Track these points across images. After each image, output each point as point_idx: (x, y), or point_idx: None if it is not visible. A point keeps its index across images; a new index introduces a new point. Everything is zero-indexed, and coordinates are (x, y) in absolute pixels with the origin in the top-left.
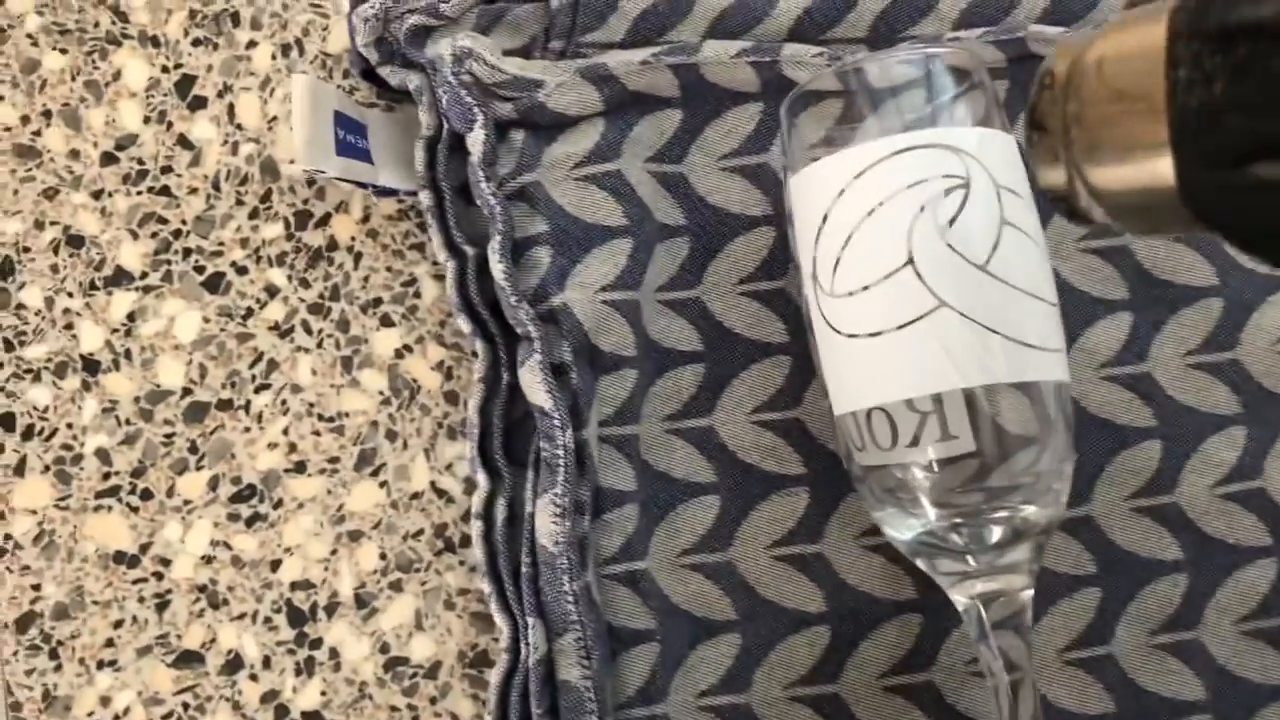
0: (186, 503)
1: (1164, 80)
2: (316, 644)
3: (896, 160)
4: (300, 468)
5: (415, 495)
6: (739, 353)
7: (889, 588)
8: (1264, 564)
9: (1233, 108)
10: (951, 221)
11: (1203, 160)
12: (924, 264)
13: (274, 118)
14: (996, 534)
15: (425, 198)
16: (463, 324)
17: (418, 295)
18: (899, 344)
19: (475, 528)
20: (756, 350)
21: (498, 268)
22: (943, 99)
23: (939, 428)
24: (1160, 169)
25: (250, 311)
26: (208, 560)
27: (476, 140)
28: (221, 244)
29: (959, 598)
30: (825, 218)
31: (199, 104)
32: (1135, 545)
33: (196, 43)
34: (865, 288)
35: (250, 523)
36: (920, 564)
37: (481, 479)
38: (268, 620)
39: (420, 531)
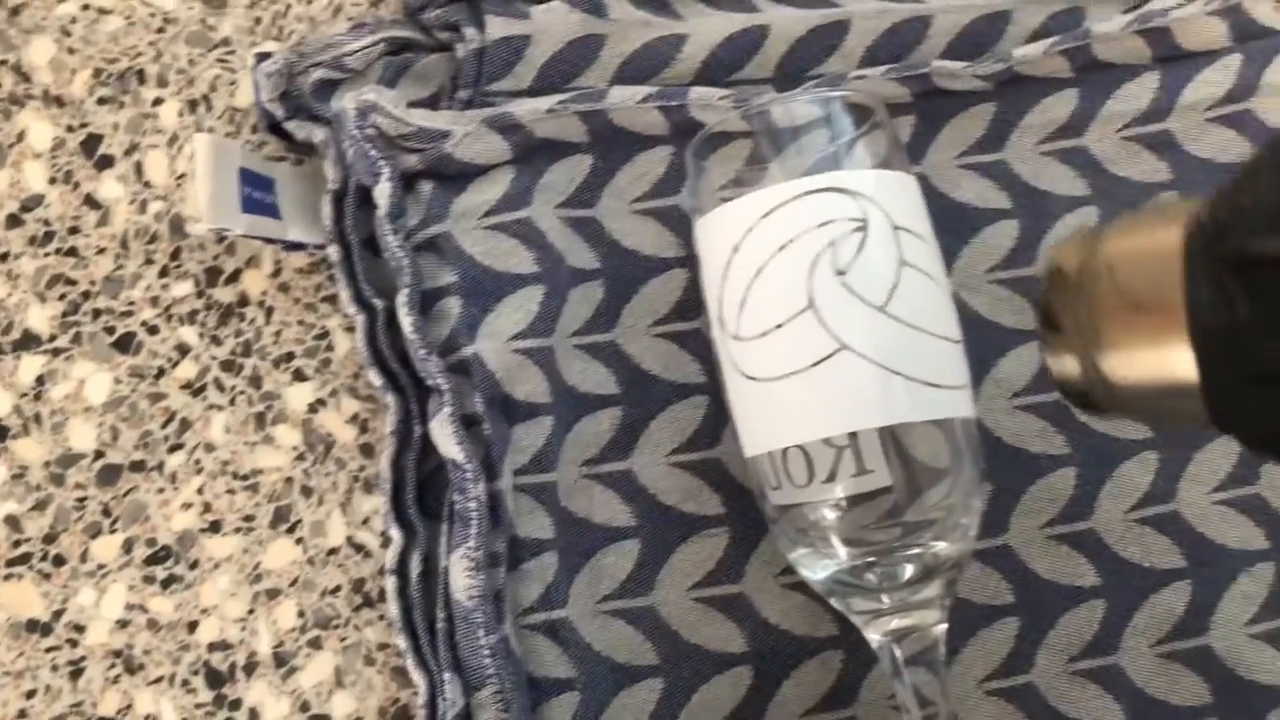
0: (100, 567)
1: (1182, 295)
2: (236, 705)
3: (795, 204)
4: (215, 527)
5: (332, 551)
6: (656, 395)
7: (809, 625)
8: (1178, 586)
9: (1256, 331)
10: (850, 264)
11: (1227, 377)
12: (824, 307)
13: (182, 175)
14: (909, 571)
15: (333, 251)
16: (373, 377)
17: (330, 349)
18: (802, 387)
19: (389, 583)
20: (673, 392)
21: (406, 320)
22: (844, 139)
23: (854, 462)
24: (1182, 376)
25: (162, 371)
26: (123, 625)
27: (382, 193)
28: (131, 303)
29: (873, 635)
30: (729, 262)
31: (106, 163)
32: (1053, 573)
33: (102, 101)
34: (768, 331)
35: (166, 585)
36: (834, 603)
37: (395, 534)
38: (185, 683)
39: (338, 587)
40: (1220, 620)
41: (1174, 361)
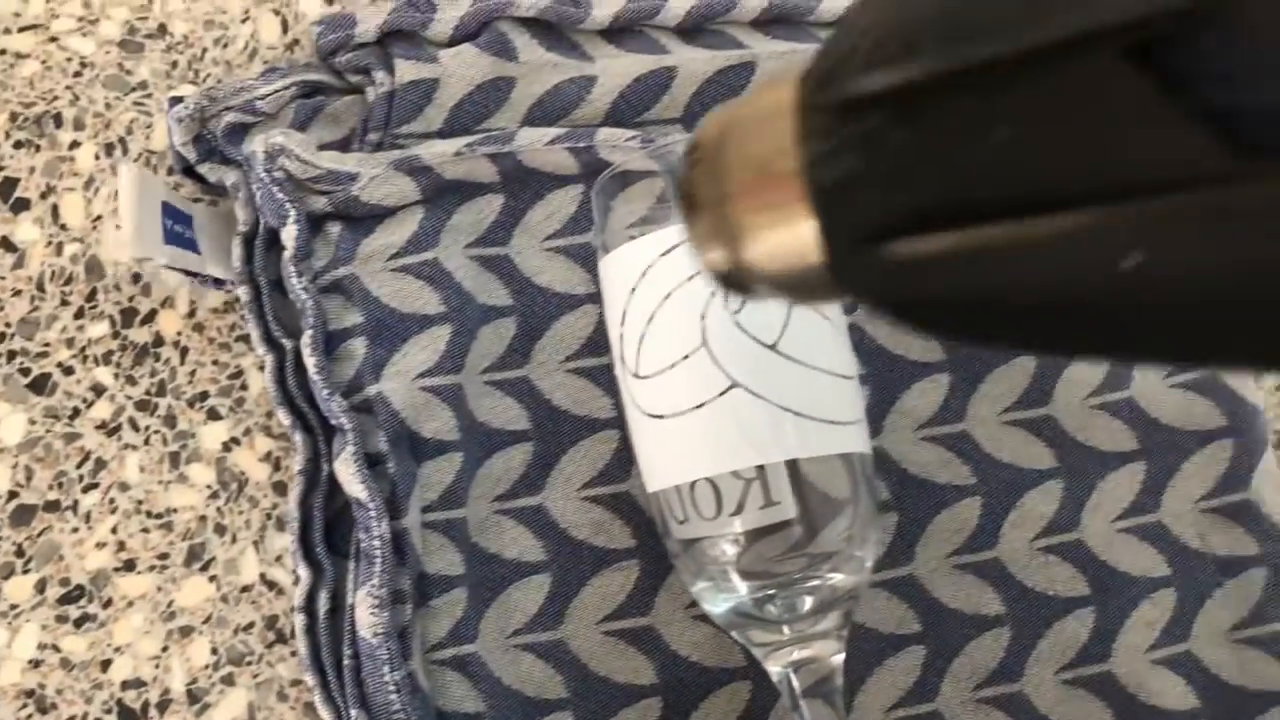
0: (13, 607)
1: (798, 153)
2: None
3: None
4: (129, 566)
5: (245, 588)
6: (567, 430)
7: (718, 656)
8: (1082, 614)
9: (866, 182)
10: (742, 303)
11: (845, 237)
12: (717, 346)
13: (98, 217)
14: (808, 603)
15: (243, 292)
16: (282, 417)
17: (244, 388)
18: (697, 424)
19: (297, 621)
20: (584, 426)
21: (310, 361)
22: None
23: (762, 494)
24: (807, 246)
25: (77, 411)
26: (35, 664)
27: (289, 235)
28: (47, 345)
29: (772, 667)
30: (628, 301)
31: (22, 206)
32: (958, 602)
33: (18, 145)
34: (664, 369)
35: (79, 624)
36: (735, 636)
37: (303, 571)
38: None
39: (251, 624)
40: (1122, 647)
41: (799, 229)
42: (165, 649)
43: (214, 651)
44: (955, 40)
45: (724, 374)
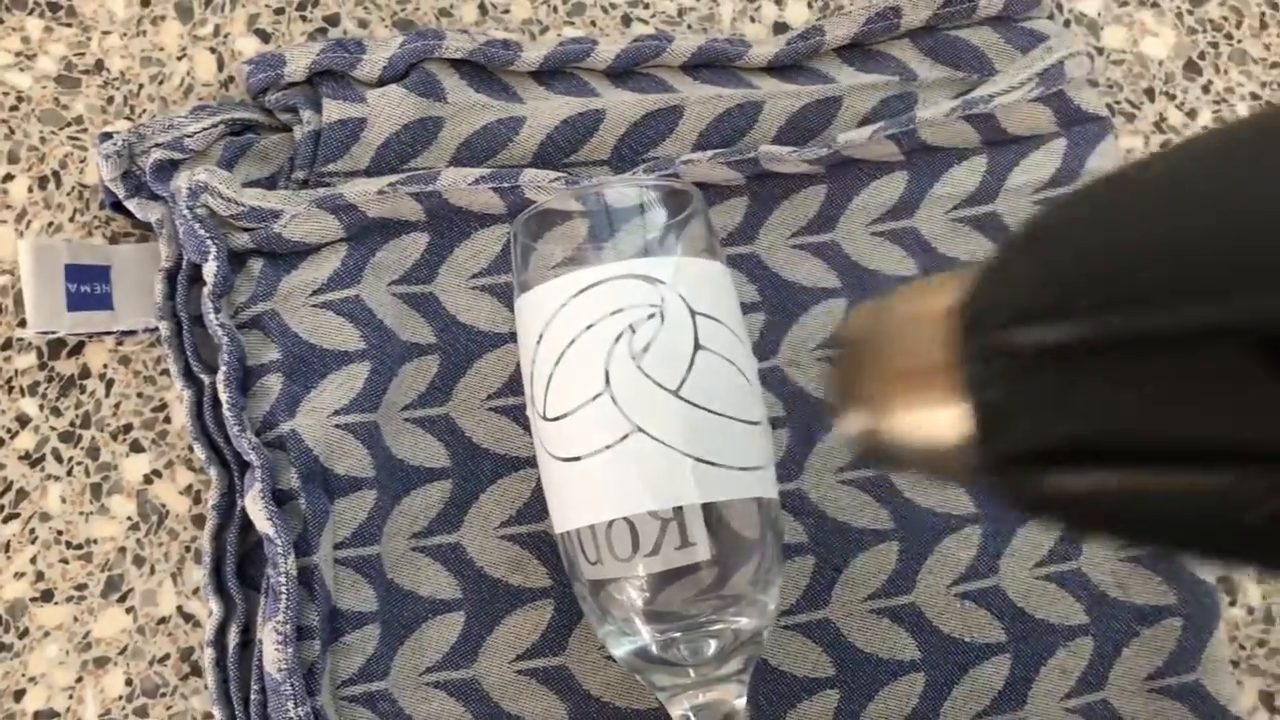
0: None
1: (952, 370)
2: None
3: (599, 289)
4: (47, 596)
5: (162, 620)
6: (487, 468)
7: (630, 697)
8: (998, 660)
9: (1021, 413)
10: (646, 349)
11: (995, 454)
12: (620, 390)
13: None
14: (713, 646)
15: (164, 328)
16: (199, 451)
17: (168, 420)
18: (600, 468)
19: (207, 655)
20: (504, 465)
21: (223, 396)
22: (656, 226)
23: (679, 534)
24: (954, 444)
25: (1, 441)
26: None
27: (209, 271)
28: None
29: (675, 711)
30: (538, 344)
31: None
32: (874, 646)
33: None
34: (570, 412)
35: None
36: (639, 678)
37: (214, 605)
38: None
39: (166, 656)
40: (1038, 694)
41: (948, 428)
42: (79, 680)
43: (129, 683)
44: (1103, 310)
45: (626, 419)
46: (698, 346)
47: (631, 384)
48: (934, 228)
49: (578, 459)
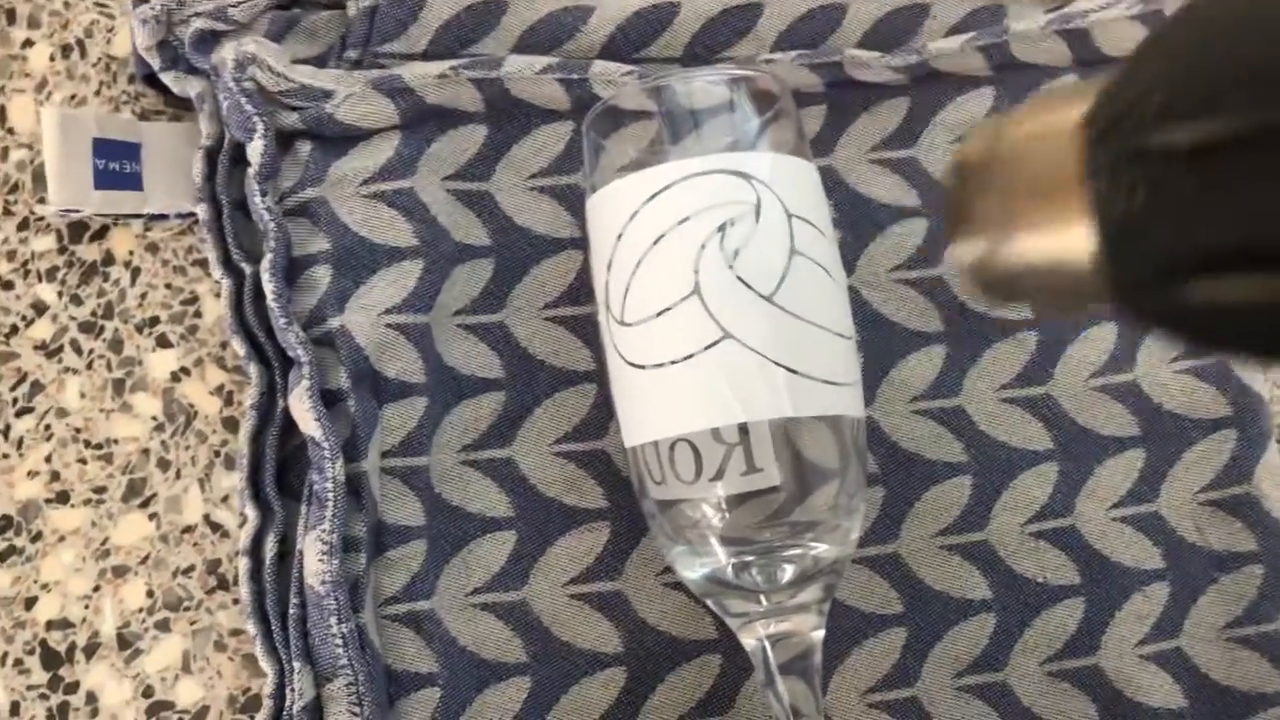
0: None
1: (1082, 186)
2: (72, 688)
3: (686, 185)
4: (63, 498)
5: (187, 529)
6: (542, 381)
7: (688, 627)
8: (1071, 603)
9: (1158, 224)
10: (739, 250)
11: (1132, 272)
12: (710, 294)
13: None
14: (789, 573)
15: (202, 211)
16: (237, 346)
17: (199, 315)
18: (683, 376)
19: (241, 565)
20: (561, 379)
21: (268, 286)
22: (746, 124)
23: (744, 460)
24: (1084, 266)
25: (15, 329)
26: None
27: (255, 151)
28: None
29: (748, 639)
30: (617, 243)
31: None
32: (943, 584)
33: None
34: (653, 316)
35: (4, 557)
36: (710, 604)
37: (250, 513)
38: (18, 663)
39: (191, 568)
40: (1111, 640)
41: (1076, 248)
42: (97, 589)
43: (150, 594)
44: (1259, 100)
45: (716, 324)
46: (793, 251)
47: (723, 287)
48: None
49: (658, 366)
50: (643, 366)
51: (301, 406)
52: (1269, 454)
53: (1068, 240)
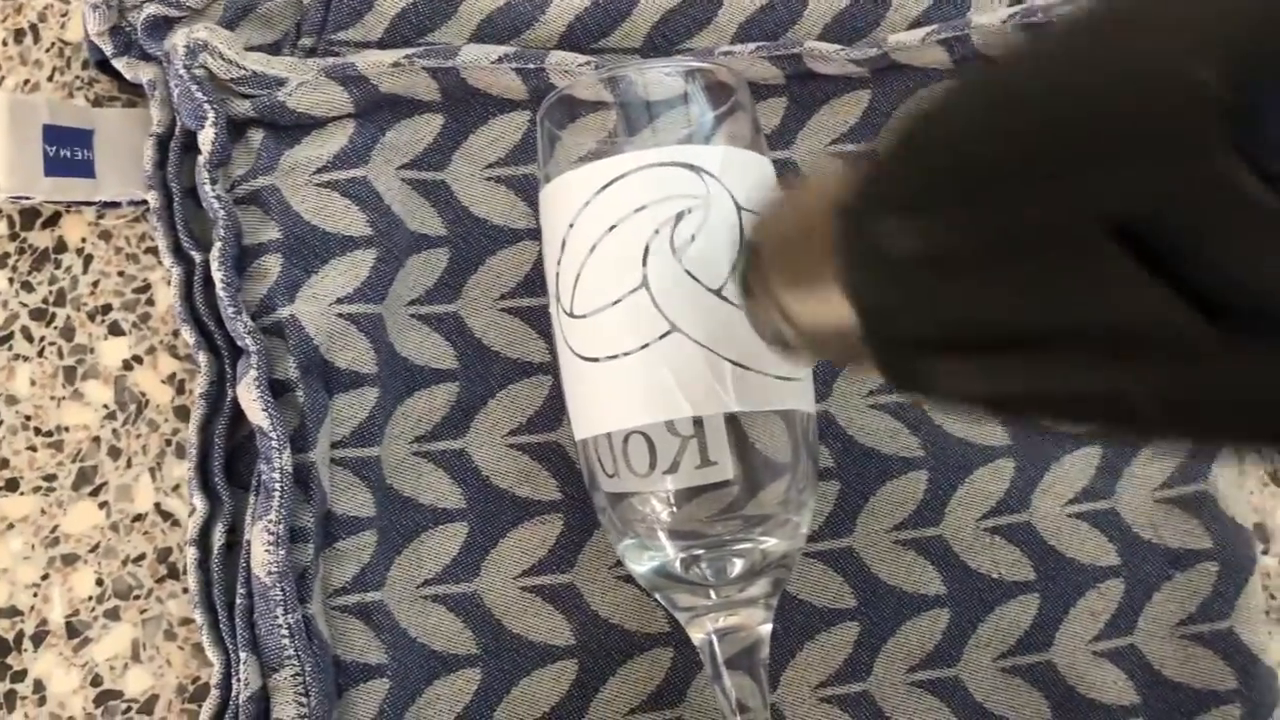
0: None
1: (839, 272)
2: (20, 676)
3: (637, 177)
4: (12, 485)
5: (138, 517)
6: (496, 372)
7: (640, 620)
8: (1026, 599)
9: (900, 311)
10: (687, 243)
11: (889, 349)
12: (658, 286)
13: None
14: (738, 567)
15: (153, 199)
16: (187, 335)
17: (151, 303)
18: (631, 369)
19: (189, 555)
20: (515, 369)
21: (217, 275)
22: (701, 116)
23: (699, 453)
24: (852, 344)
25: None
26: None
27: (206, 139)
28: None
29: (696, 634)
30: (568, 234)
31: None
32: (897, 579)
33: None
34: (601, 309)
35: None
36: (659, 598)
37: (198, 502)
38: None
39: (142, 556)
40: (1065, 636)
41: (840, 322)
42: (45, 577)
43: (99, 583)
44: (965, 207)
45: (663, 317)
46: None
47: (671, 280)
48: None
49: (607, 359)
50: (593, 359)
51: (249, 396)
52: (1224, 457)
53: (831, 313)
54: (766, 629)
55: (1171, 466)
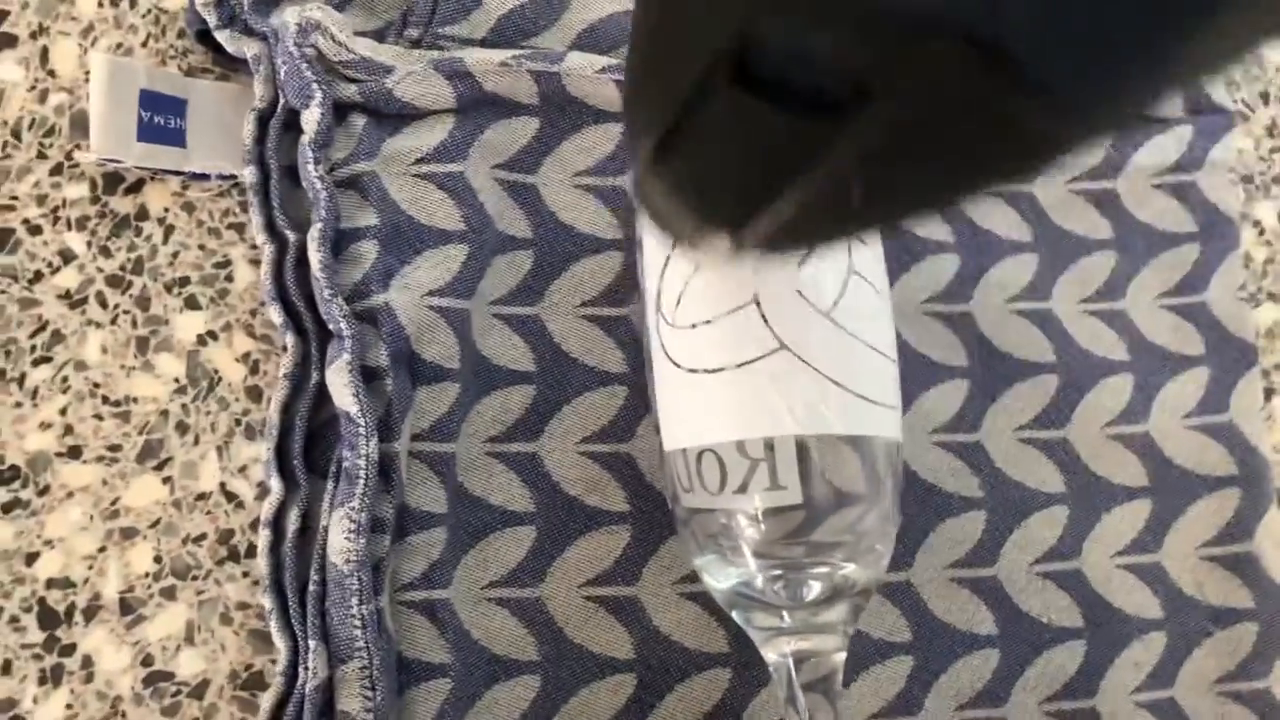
0: None
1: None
2: (69, 650)
3: None
4: (75, 453)
5: (201, 496)
6: (574, 378)
7: (701, 639)
8: (1073, 645)
9: (679, 205)
10: (801, 264)
11: (685, 234)
12: (769, 304)
13: (89, 73)
14: (815, 590)
15: (249, 174)
16: (274, 314)
17: (230, 279)
18: (735, 383)
19: (262, 537)
20: (592, 377)
21: (315, 256)
22: None
23: (768, 476)
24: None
25: (39, 275)
26: None
27: (311, 119)
28: (15, 198)
29: (770, 655)
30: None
31: (7, 42)
32: (951, 616)
33: None
34: (707, 321)
35: (8, 509)
36: (735, 616)
37: (275, 484)
38: (14, 620)
39: (203, 536)
40: (1109, 685)
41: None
42: (103, 549)
43: (157, 560)
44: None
45: (772, 334)
46: (851, 270)
47: (782, 299)
48: (1051, 196)
49: (711, 371)
50: (693, 370)
51: (340, 381)
52: (1270, 515)
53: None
54: (841, 657)
55: (1216, 526)
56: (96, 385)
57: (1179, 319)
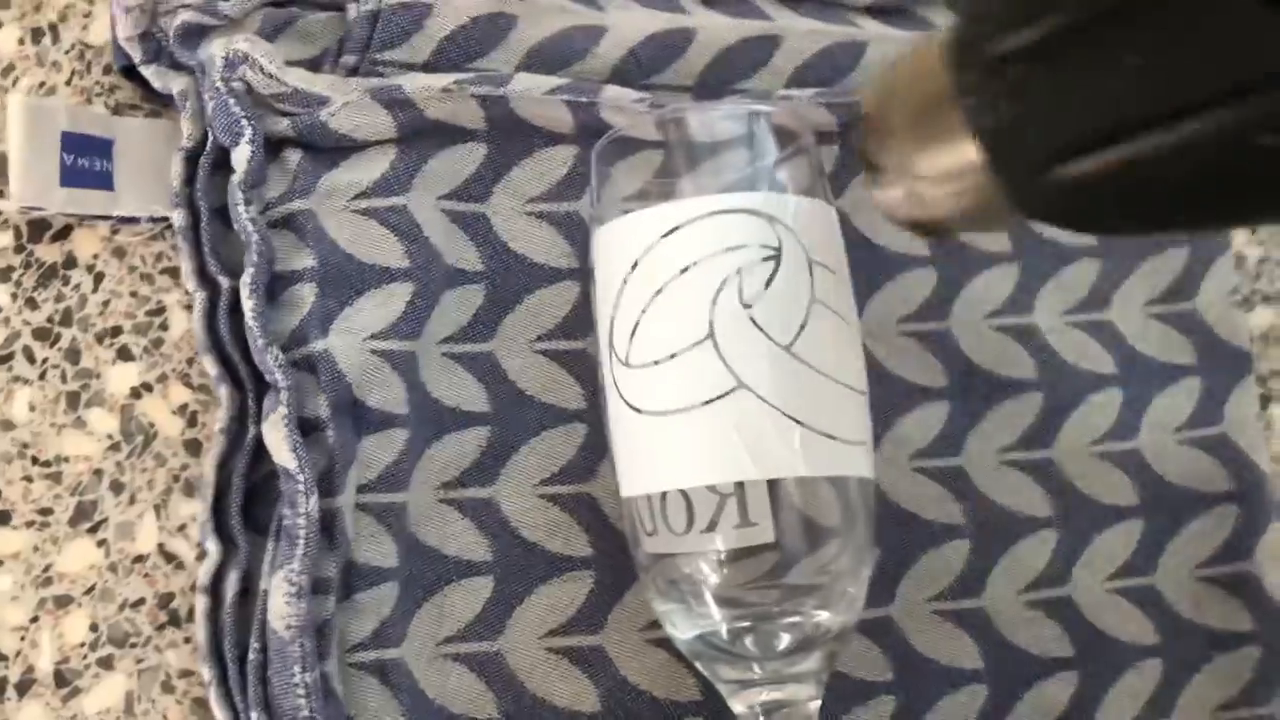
0: None
1: (958, 110)
2: None
3: (706, 223)
4: (3, 518)
5: (139, 558)
6: (531, 417)
7: (670, 687)
8: (1065, 677)
9: (1025, 123)
10: (758, 295)
11: (1013, 171)
12: (725, 340)
13: None
14: (786, 640)
15: (178, 217)
16: (208, 365)
17: (164, 327)
18: (692, 425)
19: (199, 603)
20: (550, 415)
21: (248, 304)
22: (765, 160)
23: (738, 513)
24: (981, 182)
25: None
26: None
27: (241, 157)
28: None
29: (739, 707)
30: (625, 280)
31: None
32: (935, 651)
33: None
34: (661, 360)
35: None
36: (700, 667)
37: (212, 546)
38: None
39: (141, 600)
40: (1105, 717)
41: (967, 164)
42: (35, 620)
43: (93, 628)
44: None
45: (730, 372)
46: (814, 299)
47: (739, 334)
48: None
49: (666, 413)
50: (648, 412)
51: (277, 435)
52: (1271, 532)
53: (958, 158)
54: (815, 705)
55: (1214, 544)
56: (25, 445)
57: (1168, 328)
